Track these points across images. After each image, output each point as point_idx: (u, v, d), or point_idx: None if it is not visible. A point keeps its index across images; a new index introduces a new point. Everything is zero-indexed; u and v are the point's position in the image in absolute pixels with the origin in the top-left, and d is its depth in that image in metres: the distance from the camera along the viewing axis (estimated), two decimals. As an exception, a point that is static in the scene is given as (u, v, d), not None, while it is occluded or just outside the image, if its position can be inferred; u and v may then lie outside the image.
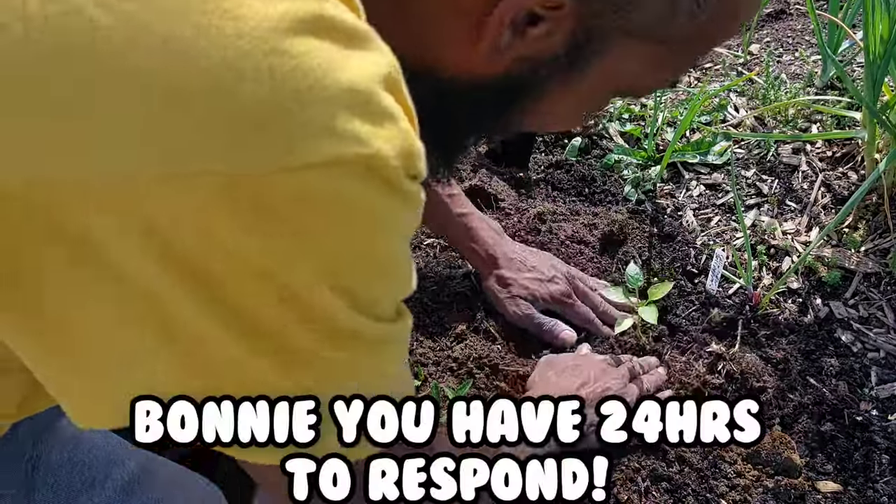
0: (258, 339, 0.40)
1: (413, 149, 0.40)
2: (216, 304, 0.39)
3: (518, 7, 0.49)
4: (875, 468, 0.92)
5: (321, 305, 0.40)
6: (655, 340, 1.08)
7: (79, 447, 0.74)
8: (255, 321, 0.40)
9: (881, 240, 1.16)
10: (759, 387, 1.00)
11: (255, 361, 0.41)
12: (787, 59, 1.58)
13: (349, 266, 0.40)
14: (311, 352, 0.42)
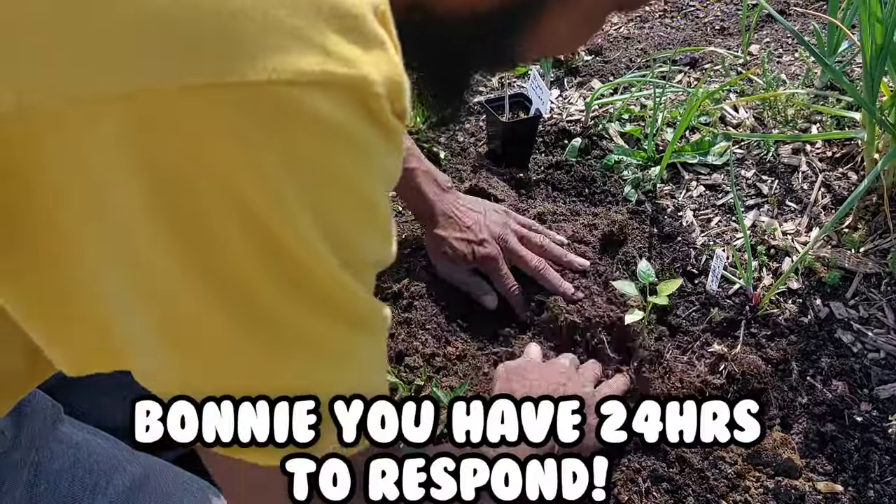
0: (224, 293, 0.39)
1: (400, 80, 0.40)
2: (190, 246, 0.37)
3: None
4: (875, 469, 0.92)
5: (302, 252, 0.39)
6: (656, 340, 1.08)
7: (81, 453, 0.73)
8: (226, 272, 0.38)
9: (881, 240, 1.16)
10: (759, 387, 1.00)
11: (214, 317, 0.40)
12: (786, 60, 1.59)
13: (329, 195, 0.39)
14: (285, 317, 0.41)
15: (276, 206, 0.37)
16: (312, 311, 0.41)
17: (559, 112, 1.53)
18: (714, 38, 1.74)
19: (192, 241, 0.37)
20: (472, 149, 1.44)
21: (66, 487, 0.71)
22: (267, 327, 0.41)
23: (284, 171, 0.37)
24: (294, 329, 0.41)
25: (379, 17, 0.39)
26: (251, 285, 0.39)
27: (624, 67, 1.64)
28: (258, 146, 0.36)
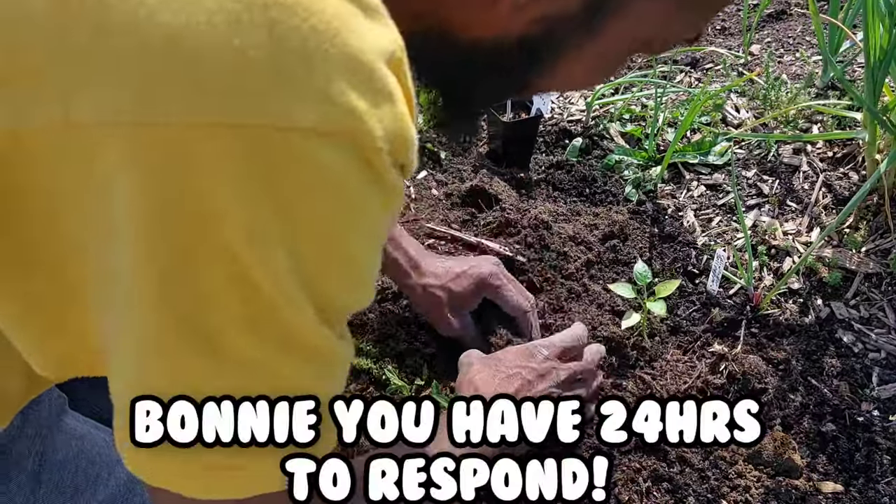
0: (193, 335, 0.39)
1: (405, 135, 0.39)
2: (168, 277, 0.38)
3: None
4: (876, 469, 0.92)
5: (272, 288, 0.39)
6: (656, 339, 1.08)
7: (84, 444, 0.74)
8: (199, 312, 0.39)
9: (882, 240, 1.16)
10: (760, 387, 1.00)
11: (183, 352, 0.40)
12: (787, 60, 1.58)
13: (316, 248, 0.39)
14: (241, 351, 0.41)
15: (260, 253, 0.37)
16: (278, 352, 0.42)
17: (560, 112, 1.53)
18: (715, 38, 1.74)
19: (171, 273, 0.38)
20: (473, 148, 1.44)
21: (70, 478, 0.72)
22: (229, 359, 0.41)
23: (274, 218, 0.37)
24: (256, 365, 0.42)
25: (393, 64, 0.39)
26: (221, 329, 0.39)
27: (624, 68, 1.64)
28: (252, 189, 0.36)
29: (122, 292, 0.39)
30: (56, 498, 0.70)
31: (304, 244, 0.38)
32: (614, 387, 1.01)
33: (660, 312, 1.03)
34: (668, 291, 1.05)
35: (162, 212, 0.36)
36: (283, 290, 0.39)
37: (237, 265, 0.37)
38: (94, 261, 0.39)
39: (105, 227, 0.37)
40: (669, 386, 1.02)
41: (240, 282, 0.38)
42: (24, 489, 0.68)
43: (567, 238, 1.20)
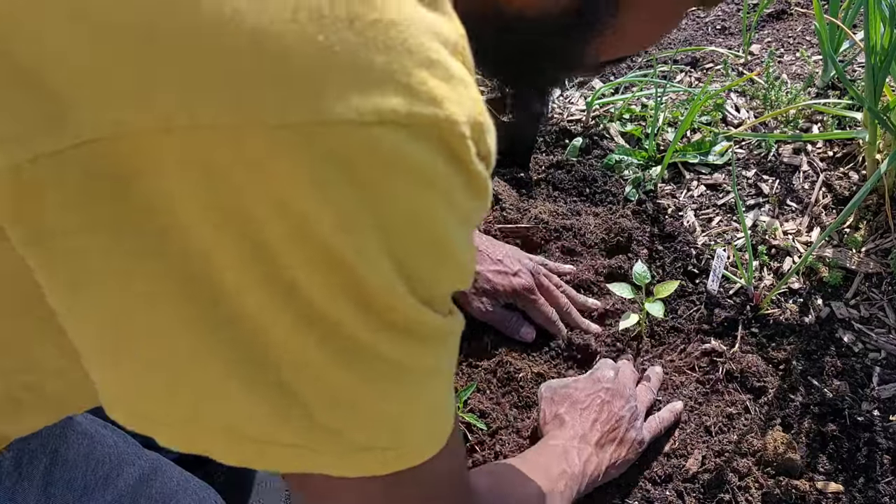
0: (312, 324, 0.38)
1: (483, 120, 0.39)
2: (269, 276, 0.37)
3: None
4: (877, 468, 0.92)
5: (379, 286, 0.38)
6: (657, 340, 1.08)
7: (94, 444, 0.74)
8: (309, 302, 0.38)
9: (882, 240, 1.16)
10: (760, 387, 1.00)
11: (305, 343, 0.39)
12: (787, 59, 1.58)
13: (406, 235, 0.39)
14: (367, 345, 0.40)
15: (357, 252, 0.37)
16: (394, 341, 0.41)
17: (560, 111, 1.53)
18: (715, 38, 1.74)
19: (276, 285, 0.37)
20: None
21: (80, 477, 0.72)
22: (359, 358, 0.40)
23: (365, 216, 0.36)
24: (383, 358, 0.41)
25: (458, 53, 0.39)
26: (340, 321, 0.39)
27: (625, 67, 1.64)
28: (339, 190, 0.35)
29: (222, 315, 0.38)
30: (67, 496, 0.71)
31: (395, 233, 0.38)
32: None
33: (657, 314, 1.03)
34: (666, 292, 1.05)
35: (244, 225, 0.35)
36: (381, 277, 0.38)
37: (340, 268, 0.37)
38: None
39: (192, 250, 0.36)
40: (669, 386, 1.02)
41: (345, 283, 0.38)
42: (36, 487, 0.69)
43: (567, 237, 1.20)
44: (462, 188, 0.39)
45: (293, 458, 0.42)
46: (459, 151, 0.38)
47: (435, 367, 0.45)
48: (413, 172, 0.37)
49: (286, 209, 0.35)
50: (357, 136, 0.35)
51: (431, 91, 0.36)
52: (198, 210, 0.35)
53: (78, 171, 0.34)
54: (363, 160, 0.35)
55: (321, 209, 0.35)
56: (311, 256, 0.36)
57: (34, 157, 0.34)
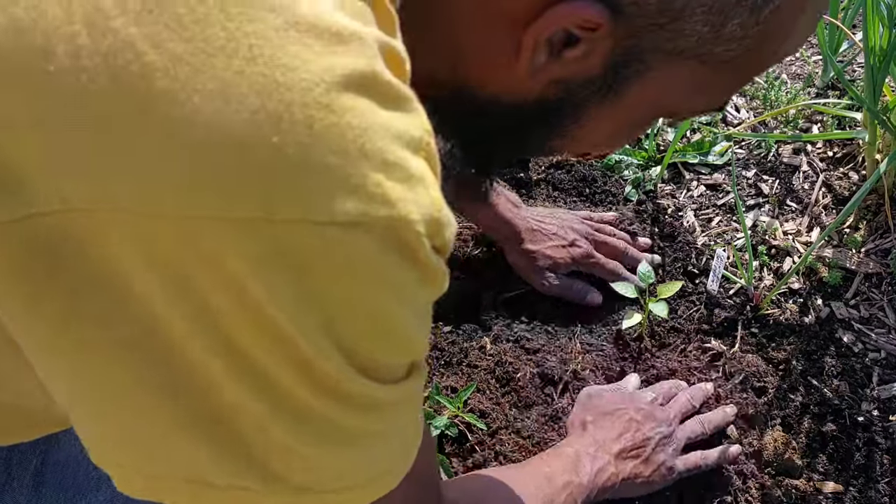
0: (268, 394, 0.39)
1: (440, 216, 0.39)
2: (223, 347, 0.38)
3: (553, 27, 0.47)
4: (876, 468, 0.92)
5: (321, 361, 0.39)
6: (657, 340, 1.08)
7: None
8: (265, 374, 0.39)
9: (882, 240, 1.16)
10: (760, 387, 1.00)
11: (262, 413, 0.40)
12: (787, 60, 1.58)
13: (356, 329, 0.39)
14: (313, 409, 0.41)
15: (299, 332, 0.38)
16: (340, 408, 0.42)
17: (560, 112, 1.53)
18: (715, 38, 1.74)
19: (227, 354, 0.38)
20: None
21: (72, 478, 0.71)
22: (307, 421, 0.41)
23: (308, 308, 0.37)
24: (330, 421, 0.42)
25: (422, 150, 0.39)
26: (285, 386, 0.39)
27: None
28: (283, 285, 0.36)
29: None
30: (59, 497, 0.70)
31: (340, 323, 0.39)
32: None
33: (661, 314, 1.03)
34: (670, 292, 1.05)
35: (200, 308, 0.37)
36: (323, 354, 0.39)
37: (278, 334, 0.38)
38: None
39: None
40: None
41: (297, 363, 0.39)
42: (27, 488, 0.68)
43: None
44: (414, 282, 0.39)
45: (249, 499, 0.43)
46: (413, 248, 0.38)
47: (384, 429, 0.45)
48: (363, 270, 0.37)
49: (231, 286, 0.36)
50: (306, 234, 0.35)
51: (386, 193, 0.36)
52: (144, 281, 0.36)
53: (25, 241, 0.35)
54: (310, 258, 0.36)
55: (265, 294, 0.36)
56: (258, 328, 0.37)
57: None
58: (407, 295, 0.40)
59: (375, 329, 0.40)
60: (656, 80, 0.52)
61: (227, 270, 0.35)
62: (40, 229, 0.35)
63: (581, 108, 0.54)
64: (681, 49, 0.49)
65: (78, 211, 0.35)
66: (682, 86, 0.53)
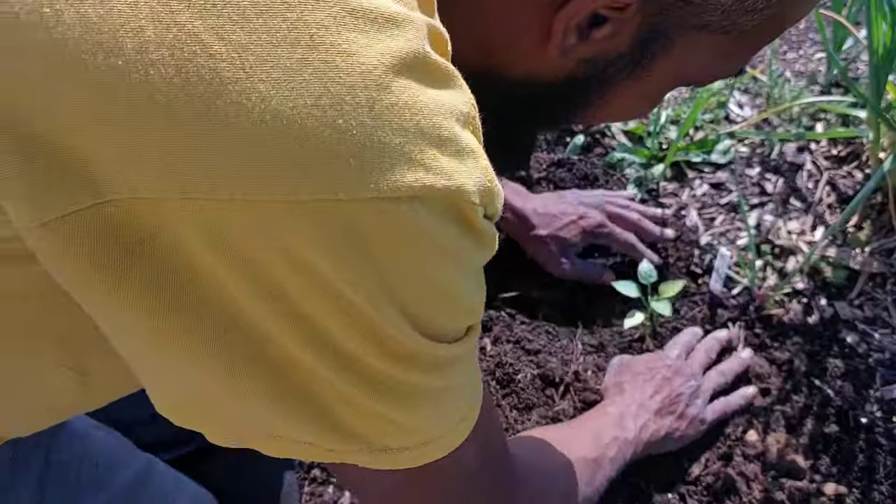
0: (339, 361, 0.42)
1: (492, 186, 0.42)
2: (295, 322, 0.40)
3: (582, 10, 0.49)
4: (880, 470, 0.92)
5: (389, 329, 0.42)
6: (660, 340, 1.07)
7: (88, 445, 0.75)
8: (335, 343, 0.41)
9: (886, 239, 1.15)
10: (763, 387, 1.00)
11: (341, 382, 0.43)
12: (791, 57, 1.57)
13: (419, 297, 0.42)
14: (384, 373, 0.44)
15: (368, 303, 0.40)
16: (410, 370, 0.45)
17: (562, 110, 1.52)
18: (718, 35, 1.73)
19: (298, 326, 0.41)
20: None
21: (74, 477, 0.72)
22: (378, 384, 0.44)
23: (375, 280, 0.40)
24: (400, 383, 0.45)
25: (469, 123, 0.41)
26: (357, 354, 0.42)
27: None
28: (350, 259, 0.38)
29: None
30: (61, 497, 0.70)
31: (405, 293, 0.41)
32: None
33: (664, 312, 1.03)
34: (673, 292, 1.04)
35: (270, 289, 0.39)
36: (391, 323, 0.42)
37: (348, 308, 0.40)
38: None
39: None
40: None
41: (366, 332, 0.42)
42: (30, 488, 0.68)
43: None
44: (470, 248, 0.43)
45: (329, 456, 0.47)
46: (469, 217, 0.41)
47: (454, 382, 0.48)
48: (426, 242, 0.40)
49: (300, 267, 0.38)
50: (370, 211, 0.37)
51: (442, 166, 0.39)
52: (215, 266, 0.38)
53: (97, 230, 0.37)
54: (375, 233, 0.38)
55: (332, 270, 0.39)
56: (327, 302, 0.40)
57: (62, 215, 0.36)
58: (464, 261, 0.43)
59: (437, 295, 0.43)
60: (680, 54, 0.54)
61: (296, 252, 0.38)
62: (110, 218, 0.36)
63: (608, 83, 0.56)
64: (706, 23, 0.51)
65: (146, 200, 0.36)
66: (706, 57, 0.55)
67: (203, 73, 0.35)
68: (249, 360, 0.41)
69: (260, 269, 0.38)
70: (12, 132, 0.35)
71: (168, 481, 0.78)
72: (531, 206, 1.14)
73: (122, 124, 0.35)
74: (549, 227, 1.13)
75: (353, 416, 0.44)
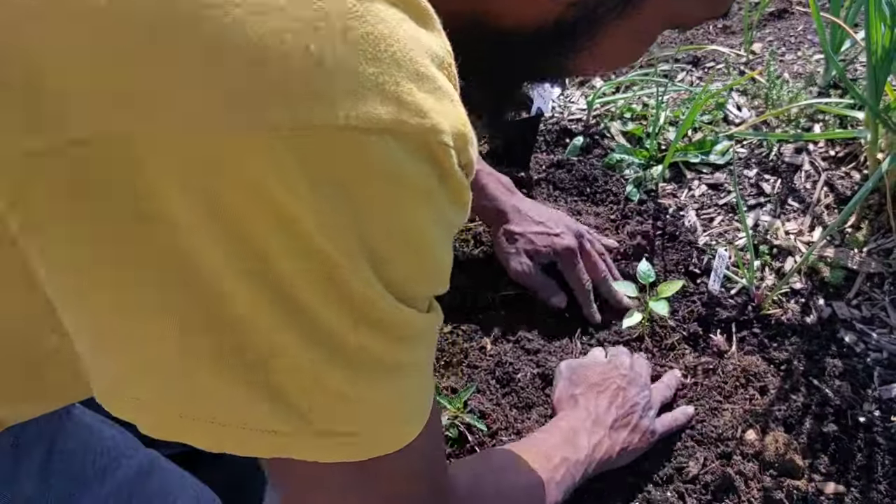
0: (296, 317, 0.40)
1: (466, 132, 0.41)
2: (256, 273, 0.38)
3: None
4: (878, 469, 0.92)
5: (359, 283, 0.40)
6: (658, 339, 1.08)
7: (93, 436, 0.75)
8: (293, 296, 0.39)
9: (884, 240, 1.16)
10: (761, 387, 1.00)
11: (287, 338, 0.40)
12: (789, 59, 1.58)
13: (388, 240, 0.40)
14: (346, 339, 0.41)
15: (338, 251, 0.38)
16: (373, 337, 0.43)
17: (561, 111, 1.52)
18: (717, 37, 1.73)
19: (261, 280, 0.38)
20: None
21: (78, 468, 0.72)
22: (338, 352, 0.42)
23: (346, 217, 0.38)
24: (362, 352, 0.43)
25: (444, 69, 0.40)
26: (321, 314, 0.40)
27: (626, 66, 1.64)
28: (320, 190, 0.37)
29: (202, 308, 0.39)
30: (65, 487, 0.71)
31: (375, 235, 0.40)
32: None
33: (662, 312, 1.03)
34: (670, 291, 1.05)
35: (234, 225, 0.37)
36: (361, 276, 0.40)
37: (323, 266, 0.39)
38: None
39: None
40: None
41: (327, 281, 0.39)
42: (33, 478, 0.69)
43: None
44: (444, 195, 0.41)
45: (267, 443, 0.43)
46: (442, 160, 0.39)
47: (411, 361, 0.46)
48: (397, 178, 0.38)
49: (269, 204, 0.36)
50: (342, 140, 0.36)
51: (418, 102, 0.37)
52: (183, 204, 0.36)
53: (69, 166, 0.36)
54: (347, 163, 0.37)
55: (302, 207, 0.37)
56: (293, 248, 0.38)
57: (28, 152, 0.36)
58: (436, 208, 0.41)
59: (408, 244, 0.41)
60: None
61: (264, 188, 0.36)
62: (80, 158, 0.36)
63: (597, 24, 0.56)
64: None
65: (118, 138, 0.35)
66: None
67: (179, 2, 0.35)
68: (206, 317, 0.39)
69: (225, 211, 0.37)
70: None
71: (171, 478, 0.78)
72: (513, 203, 1.12)
73: (96, 57, 0.35)
74: (522, 226, 1.10)
75: (301, 386, 0.42)
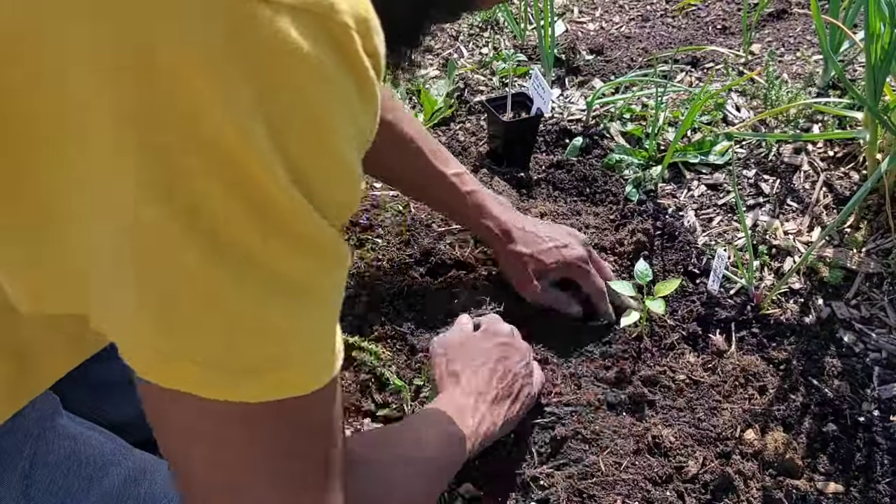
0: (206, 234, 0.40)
1: (368, 18, 0.40)
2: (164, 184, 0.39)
3: None
4: (877, 469, 0.92)
5: (272, 185, 0.40)
6: (657, 339, 1.08)
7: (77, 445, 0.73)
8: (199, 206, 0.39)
9: (883, 240, 1.16)
10: (760, 387, 1.00)
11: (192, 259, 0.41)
12: (788, 59, 1.58)
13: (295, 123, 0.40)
14: (258, 253, 0.41)
15: (248, 145, 0.38)
16: (288, 249, 0.42)
17: (560, 111, 1.53)
18: (716, 38, 1.74)
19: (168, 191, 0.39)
20: (473, 148, 1.43)
21: (62, 478, 0.71)
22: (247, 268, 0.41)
23: (253, 97, 0.38)
24: (273, 268, 0.42)
25: None
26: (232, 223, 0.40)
27: (625, 66, 1.64)
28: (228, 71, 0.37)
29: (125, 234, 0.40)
30: (48, 499, 0.69)
31: (284, 119, 0.39)
32: (614, 386, 1.01)
33: (659, 311, 1.03)
34: (668, 290, 1.05)
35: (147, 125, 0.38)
36: (274, 175, 0.40)
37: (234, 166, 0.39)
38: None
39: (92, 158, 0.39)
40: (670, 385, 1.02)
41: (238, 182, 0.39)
42: (14, 490, 0.67)
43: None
44: (350, 84, 0.40)
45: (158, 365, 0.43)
46: (344, 42, 0.39)
47: (322, 288, 0.45)
48: (300, 59, 0.38)
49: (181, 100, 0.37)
50: (241, 7, 0.37)
51: None
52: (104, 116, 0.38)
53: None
54: (252, 41, 0.37)
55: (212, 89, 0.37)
56: (206, 154, 0.38)
57: None
58: (342, 97, 0.41)
59: (317, 136, 0.41)
60: None
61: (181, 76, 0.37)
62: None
63: None
64: None
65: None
66: None
67: None
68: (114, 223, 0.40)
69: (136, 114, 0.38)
70: None
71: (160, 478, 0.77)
72: (515, 222, 1.10)
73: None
74: (530, 246, 1.09)
75: (203, 307, 0.41)
